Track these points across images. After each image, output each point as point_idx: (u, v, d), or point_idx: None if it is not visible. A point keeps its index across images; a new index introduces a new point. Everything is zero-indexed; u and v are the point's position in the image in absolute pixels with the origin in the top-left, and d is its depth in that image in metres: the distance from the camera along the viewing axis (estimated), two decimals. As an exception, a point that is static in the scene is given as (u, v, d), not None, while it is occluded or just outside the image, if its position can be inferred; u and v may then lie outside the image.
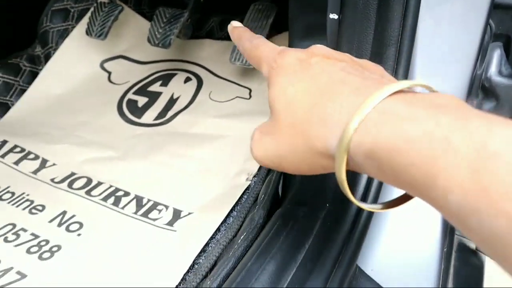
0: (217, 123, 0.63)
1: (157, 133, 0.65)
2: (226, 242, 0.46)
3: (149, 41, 0.70)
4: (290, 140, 0.29)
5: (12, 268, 0.45)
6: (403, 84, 0.24)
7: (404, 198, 0.29)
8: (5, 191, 0.56)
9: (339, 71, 0.28)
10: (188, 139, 0.62)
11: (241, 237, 0.42)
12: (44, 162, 0.61)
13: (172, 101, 0.69)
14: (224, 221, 0.49)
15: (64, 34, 0.80)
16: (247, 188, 0.52)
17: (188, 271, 0.44)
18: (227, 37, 0.75)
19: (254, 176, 0.54)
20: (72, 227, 0.50)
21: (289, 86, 0.29)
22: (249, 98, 0.67)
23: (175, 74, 0.74)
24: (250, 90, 0.68)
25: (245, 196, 0.52)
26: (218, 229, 0.48)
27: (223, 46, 0.76)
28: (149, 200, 0.53)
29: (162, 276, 0.43)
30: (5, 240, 0.49)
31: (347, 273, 0.36)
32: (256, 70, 0.70)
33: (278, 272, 0.35)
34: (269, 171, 0.53)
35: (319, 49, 0.31)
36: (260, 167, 0.55)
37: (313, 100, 0.27)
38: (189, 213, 0.51)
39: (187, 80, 0.73)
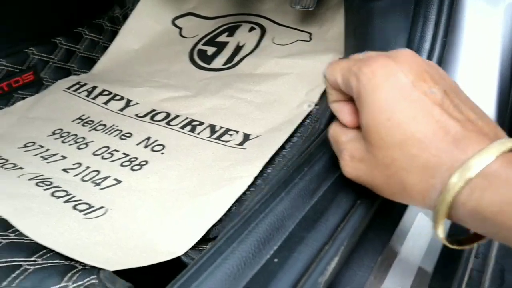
0: (280, 62, 0.68)
1: (225, 75, 0.71)
2: (291, 157, 0.52)
3: (216, -6, 0.76)
4: (386, 180, 0.28)
5: (110, 176, 0.53)
6: (508, 144, 0.24)
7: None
8: (98, 124, 0.65)
9: (437, 108, 0.26)
10: (255, 78, 0.68)
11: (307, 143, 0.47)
12: (128, 102, 0.70)
13: (238, 48, 0.75)
14: (289, 140, 0.54)
15: (139, -4, 0.88)
16: (309, 114, 0.57)
17: (257, 178, 0.50)
18: (288, -11, 0.79)
19: (316, 104, 0.59)
20: (156, 148, 0.58)
21: (389, 113, 0.26)
22: (309, 41, 0.71)
23: (240, 26, 0.80)
24: (310, 34, 0.73)
25: (308, 120, 0.57)
26: (283, 146, 0.53)
27: (283, -2, 0.81)
28: (221, 127, 0.60)
29: (234, 182, 0.49)
30: (102, 158, 0.57)
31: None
32: (315, 16, 0.75)
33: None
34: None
35: (409, 59, 0.28)
36: (321, 97, 0.59)
37: (410, 143, 0.26)
38: (257, 136, 0.57)
39: (251, 29, 0.78)
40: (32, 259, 0.37)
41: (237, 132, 0.58)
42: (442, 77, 0.28)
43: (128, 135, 0.61)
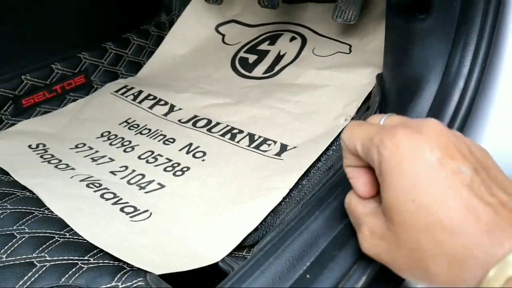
0: (320, 74, 0.70)
1: (266, 84, 0.74)
2: (325, 169, 0.54)
3: (259, 2, 0.78)
4: (408, 263, 0.26)
5: (154, 180, 0.56)
6: None
7: None
8: (144, 128, 0.69)
9: (467, 191, 0.24)
10: (294, 88, 0.70)
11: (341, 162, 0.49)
12: (172, 107, 0.73)
13: (279, 57, 0.78)
14: (325, 152, 0.56)
15: (185, 2, 0.91)
16: (345, 127, 0.59)
17: (292, 189, 0.52)
18: (329, 0, 0.81)
19: (352, 118, 0.60)
20: (197, 155, 0.61)
21: (414, 193, 0.25)
22: (349, 53, 0.73)
23: (281, 34, 0.82)
24: (350, 46, 0.74)
25: (344, 134, 0.58)
26: (318, 159, 0.55)
27: (325, 7, 0.82)
28: (259, 137, 0.62)
29: (271, 192, 0.51)
30: (147, 161, 0.61)
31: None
32: (357, 28, 0.76)
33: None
34: (366, 112, 0.59)
35: (436, 132, 0.26)
36: (358, 110, 0.61)
37: (438, 228, 0.24)
38: (294, 147, 0.59)
39: (292, 39, 0.80)
40: (86, 258, 0.41)
41: (275, 142, 0.61)
42: (471, 151, 0.26)
43: (171, 140, 0.65)
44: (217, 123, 0.67)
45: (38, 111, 0.76)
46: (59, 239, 0.43)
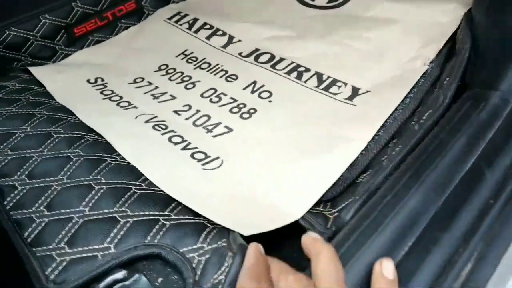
0: (393, 7, 0.64)
1: (331, 15, 0.68)
2: (403, 120, 0.51)
3: None
4: None
5: (221, 123, 0.55)
6: None
7: None
8: (203, 61, 0.66)
9: None
10: (363, 22, 0.64)
11: (426, 114, 0.46)
12: (231, 38, 0.69)
13: (345, -16, 0.71)
14: (402, 101, 0.53)
15: None
16: (424, 73, 0.55)
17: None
18: None
19: (431, 62, 0.56)
20: (263, 95, 0.58)
21: None
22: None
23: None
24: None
25: (422, 80, 0.54)
26: (395, 108, 0.52)
27: None
28: (328, 77, 0.59)
29: (348, 145, 0.49)
30: (211, 101, 0.59)
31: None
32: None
33: (469, 146, 0.38)
34: (448, 56, 0.54)
35: None
36: (439, 53, 0.56)
37: None
38: (367, 91, 0.56)
39: (361, -39, 0.73)
40: (166, 213, 0.41)
41: (345, 84, 0.57)
42: None
43: (234, 77, 0.62)
44: (281, 59, 0.63)
45: (91, 40, 0.73)
46: (136, 190, 0.43)
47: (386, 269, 0.29)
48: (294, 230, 0.41)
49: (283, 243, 0.39)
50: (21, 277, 0.38)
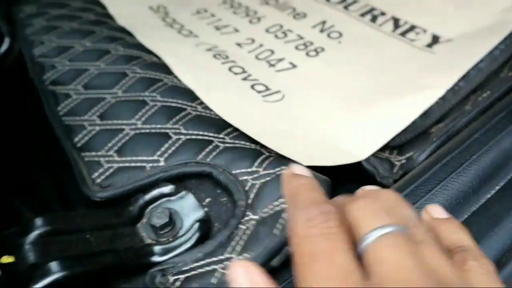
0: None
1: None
2: (489, 72, 0.45)
3: None
4: None
5: (284, 58, 0.51)
6: None
7: None
8: (270, -2, 0.62)
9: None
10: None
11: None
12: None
13: None
14: (490, 52, 0.47)
15: None
16: (519, 23, 0.48)
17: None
18: None
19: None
20: (332, 35, 0.54)
21: None
22: None
23: None
24: None
25: (516, 30, 0.48)
26: (481, 59, 0.46)
27: None
28: (406, 22, 0.54)
29: (422, 91, 0.44)
30: (276, 36, 0.55)
31: None
32: None
33: None
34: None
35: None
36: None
37: None
38: (448, 40, 0.50)
39: None
40: (221, 136, 0.38)
41: (425, 31, 0.52)
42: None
43: (301, 14, 0.58)
44: (355, 1, 0.58)
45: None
46: (191, 111, 0.41)
47: (435, 212, 0.24)
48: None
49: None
50: (68, 181, 0.37)
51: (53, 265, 0.27)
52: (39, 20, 0.54)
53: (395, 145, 0.41)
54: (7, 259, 0.26)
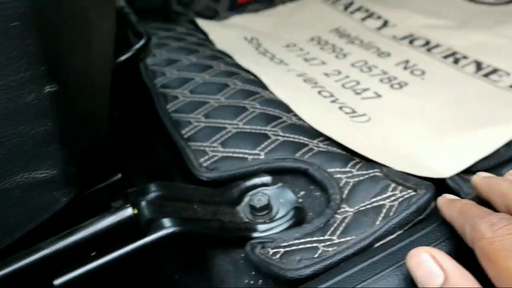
0: None
1: (497, 11, 0.65)
2: None
3: None
4: None
5: (369, 88, 0.54)
6: None
7: None
8: (355, 38, 0.66)
9: None
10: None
11: None
12: (386, 22, 0.69)
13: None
14: None
15: None
16: None
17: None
18: None
19: None
20: (416, 72, 0.57)
21: None
22: None
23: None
24: None
25: None
26: None
27: None
28: (488, 65, 0.56)
29: (501, 121, 0.45)
30: (361, 70, 0.59)
31: None
32: None
33: None
34: None
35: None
36: None
37: None
38: (534, 82, 0.52)
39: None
40: (315, 141, 0.41)
41: (508, 74, 0.54)
42: None
43: (386, 53, 0.61)
44: (437, 45, 0.61)
45: (249, 9, 0.78)
46: (287, 120, 0.44)
47: None
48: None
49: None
50: (176, 166, 0.41)
51: (166, 221, 0.30)
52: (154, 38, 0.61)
53: (478, 170, 0.42)
54: (133, 210, 0.30)
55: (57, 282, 0.27)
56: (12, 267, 0.26)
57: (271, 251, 0.31)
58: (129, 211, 0.27)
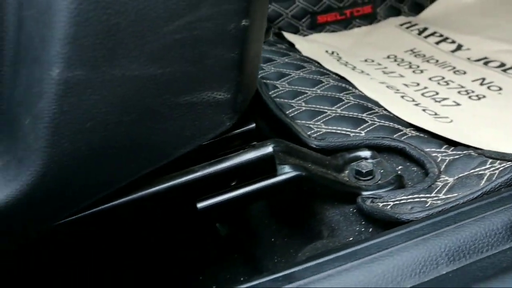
0: None
1: None
2: None
3: None
4: None
5: (448, 98, 0.58)
6: None
7: None
8: (431, 58, 0.71)
9: None
10: None
11: None
12: (460, 46, 0.73)
13: None
14: None
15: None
16: None
17: None
18: None
19: None
20: (492, 88, 0.60)
21: None
22: None
23: None
24: None
25: None
26: None
27: None
28: None
29: None
30: (438, 84, 0.63)
31: None
32: None
33: None
34: None
35: None
36: None
37: None
38: None
39: None
40: (408, 129, 0.45)
41: None
42: None
43: (461, 71, 0.65)
44: (512, 67, 0.65)
45: (327, 29, 0.84)
46: (379, 111, 0.48)
47: None
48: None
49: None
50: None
51: (294, 166, 0.34)
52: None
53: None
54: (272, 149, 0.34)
55: (200, 205, 0.31)
56: (166, 185, 0.31)
57: (381, 204, 0.35)
58: (269, 149, 0.32)
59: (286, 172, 0.33)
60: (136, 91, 0.24)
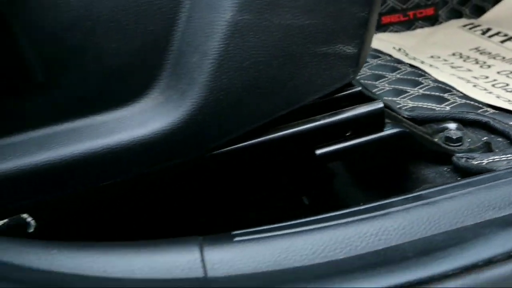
0: None
1: None
2: None
3: None
4: None
5: None
6: None
7: None
8: (497, 55, 0.74)
9: None
10: None
11: None
12: (524, 46, 0.76)
13: None
14: None
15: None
16: None
17: None
18: None
19: None
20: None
21: None
22: None
23: None
24: None
25: None
26: None
27: None
28: None
29: None
30: (507, 77, 0.65)
31: None
32: None
33: None
34: None
35: None
36: None
37: None
38: None
39: None
40: (488, 108, 0.48)
41: None
42: None
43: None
44: None
45: (390, 29, 0.88)
46: (456, 93, 0.52)
47: None
48: None
49: None
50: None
51: (397, 124, 0.38)
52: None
53: None
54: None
55: (318, 152, 0.36)
56: (290, 130, 0.35)
57: (475, 163, 0.38)
58: (380, 104, 0.36)
59: (392, 128, 0.37)
60: (286, 38, 0.29)
